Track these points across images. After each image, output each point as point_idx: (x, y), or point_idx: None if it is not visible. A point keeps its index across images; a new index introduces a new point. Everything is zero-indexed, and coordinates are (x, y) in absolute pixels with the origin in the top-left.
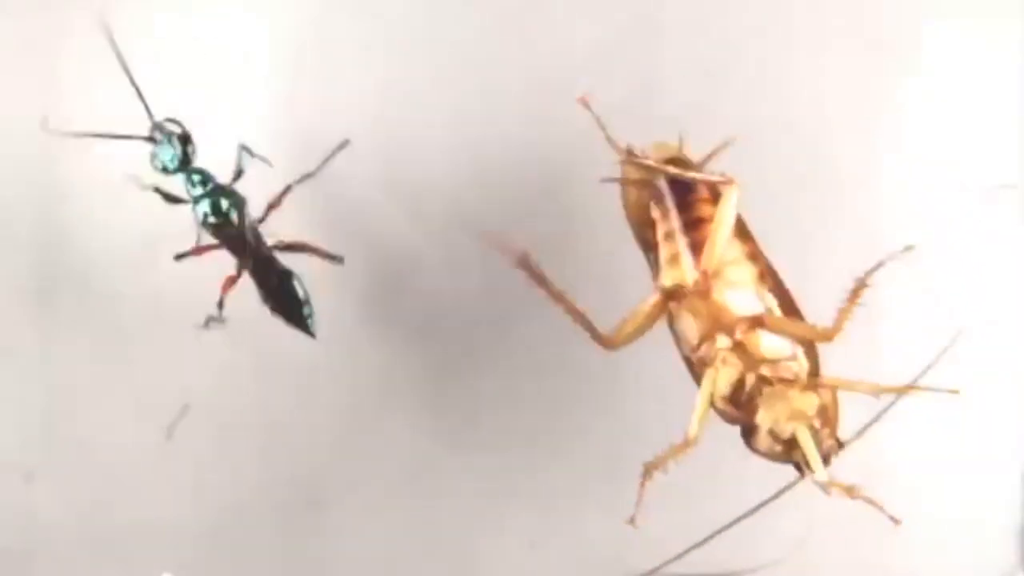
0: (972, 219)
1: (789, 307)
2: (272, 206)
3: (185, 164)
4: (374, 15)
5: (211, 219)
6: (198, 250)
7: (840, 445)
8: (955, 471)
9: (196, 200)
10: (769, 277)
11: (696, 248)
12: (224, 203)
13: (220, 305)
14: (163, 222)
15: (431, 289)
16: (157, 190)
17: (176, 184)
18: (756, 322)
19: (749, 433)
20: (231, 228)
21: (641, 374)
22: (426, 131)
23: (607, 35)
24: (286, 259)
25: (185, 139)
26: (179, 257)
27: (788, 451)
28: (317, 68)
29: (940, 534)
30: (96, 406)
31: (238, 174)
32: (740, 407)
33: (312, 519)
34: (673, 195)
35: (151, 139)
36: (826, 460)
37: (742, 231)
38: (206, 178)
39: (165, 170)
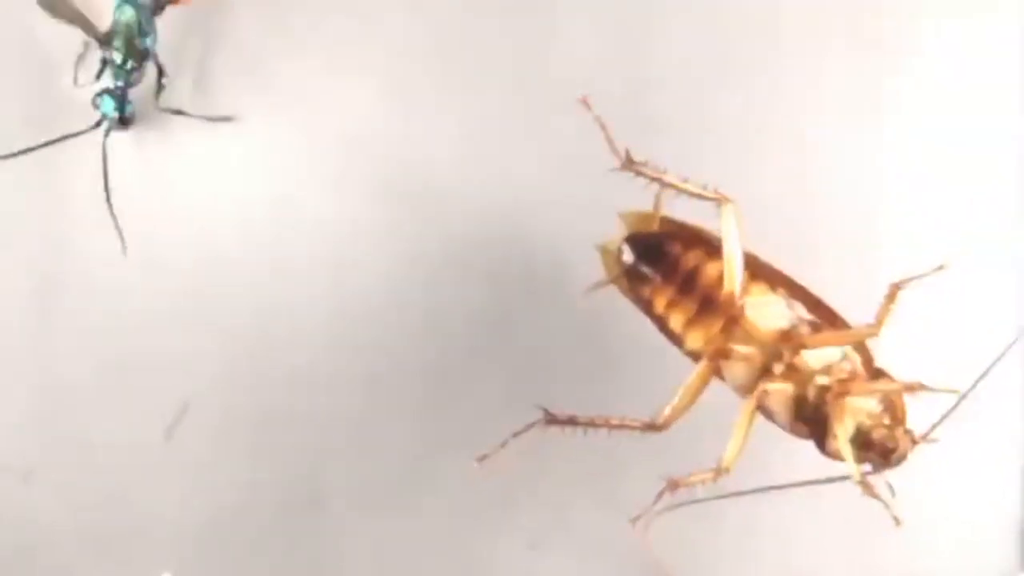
0: (971, 219)
1: (814, 305)
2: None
3: (123, 88)
4: (374, 17)
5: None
6: None
7: (914, 441)
8: (955, 471)
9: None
10: (782, 286)
11: (704, 298)
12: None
13: None
14: (163, 221)
15: (431, 290)
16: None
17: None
18: (798, 344)
19: (821, 441)
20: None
21: (641, 374)
22: (425, 132)
23: (607, 35)
24: None
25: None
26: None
27: (863, 451)
28: (317, 69)
29: (940, 534)
30: (96, 406)
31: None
32: (810, 423)
33: (312, 519)
34: (648, 265)
35: (98, 123)
36: (903, 457)
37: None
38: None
39: (123, 112)
